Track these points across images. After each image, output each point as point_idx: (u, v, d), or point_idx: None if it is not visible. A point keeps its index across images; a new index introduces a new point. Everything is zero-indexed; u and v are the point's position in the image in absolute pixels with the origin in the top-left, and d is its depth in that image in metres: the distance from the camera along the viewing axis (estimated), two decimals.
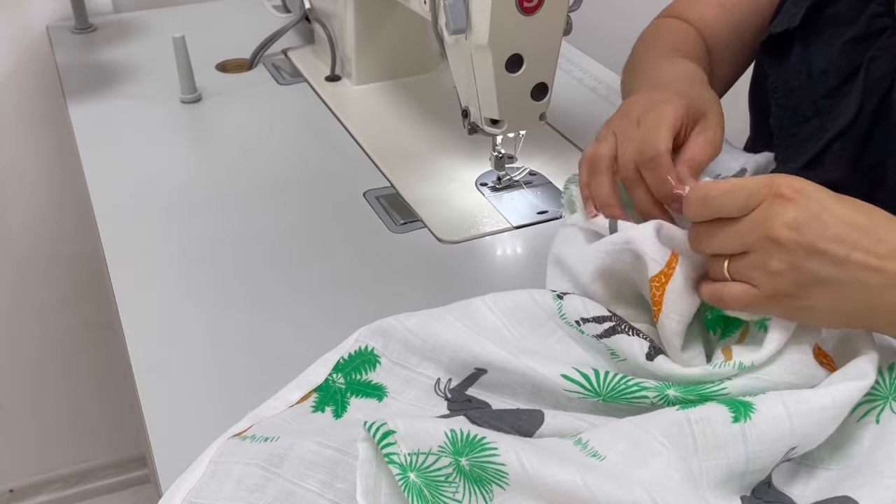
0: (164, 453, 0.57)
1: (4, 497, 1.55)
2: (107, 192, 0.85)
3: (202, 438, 0.58)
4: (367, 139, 0.94)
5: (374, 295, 0.71)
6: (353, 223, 0.80)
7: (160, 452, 0.57)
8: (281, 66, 1.11)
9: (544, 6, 0.71)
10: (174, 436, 0.58)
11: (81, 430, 1.55)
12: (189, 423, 0.59)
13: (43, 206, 1.36)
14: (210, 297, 0.71)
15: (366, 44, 1.03)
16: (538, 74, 0.75)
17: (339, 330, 0.67)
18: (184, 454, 0.56)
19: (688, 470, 0.48)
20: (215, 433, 0.58)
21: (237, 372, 0.63)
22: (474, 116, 0.78)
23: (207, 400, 0.61)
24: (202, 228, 0.79)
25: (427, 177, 0.87)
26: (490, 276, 0.74)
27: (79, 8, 1.20)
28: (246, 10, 1.27)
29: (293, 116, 1.00)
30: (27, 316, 1.42)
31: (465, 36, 0.72)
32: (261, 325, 0.68)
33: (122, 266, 0.75)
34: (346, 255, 0.76)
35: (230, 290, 0.72)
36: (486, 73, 0.74)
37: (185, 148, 0.94)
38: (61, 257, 1.39)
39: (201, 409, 0.60)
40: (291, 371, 0.63)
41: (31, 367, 1.47)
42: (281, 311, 0.69)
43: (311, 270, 0.74)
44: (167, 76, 1.03)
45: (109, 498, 1.62)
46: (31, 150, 1.31)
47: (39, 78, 1.26)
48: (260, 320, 0.68)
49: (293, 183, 0.86)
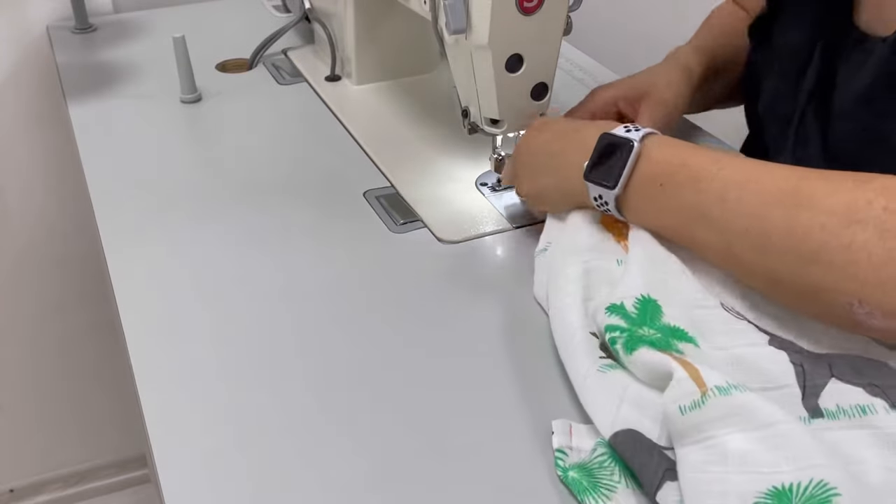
0: (164, 453, 0.57)
1: (4, 497, 1.55)
2: (107, 192, 0.85)
3: (202, 438, 0.58)
4: (367, 139, 0.94)
5: (374, 295, 0.71)
6: (353, 223, 0.80)
7: (160, 452, 0.57)
8: (281, 66, 1.11)
9: (544, 6, 0.71)
10: (174, 436, 0.58)
11: (81, 430, 1.55)
12: (189, 423, 0.59)
13: (43, 207, 1.36)
14: (210, 296, 0.71)
15: (366, 44, 1.03)
16: (538, 74, 0.75)
17: (338, 330, 0.67)
18: (184, 454, 0.57)
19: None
20: (215, 433, 0.58)
21: (237, 372, 0.63)
22: (474, 116, 0.78)
23: (207, 400, 0.61)
24: (202, 228, 0.79)
25: (427, 177, 0.87)
26: (490, 276, 0.74)
27: (79, 8, 1.20)
28: (246, 10, 1.27)
29: (293, 116, 1.00)
30: (27, 315, 1.42)
31: (465, 36, 0.72)
32: (260, 324, 0.68)
33: (122, 266, 0.75)
34: (345, 254, 0.76)
35: (230, 289, 0.72)
36: (486, 73, 0.74)
37: (185, 148, 0.94)
38: (61, 257, 1.39)
39: (201, 409, 0.60)
40: (291, 371, 0.63)
41: (31, 368, 1.47)
42: (280, 310, 0.69)
43: (310, 270, 0.74)
44: (167, 76, 1.03)
45: (109, 498, 1.62)
46: (31, 150, 1.31)
47: (39, 78, 1.27)
48: (259, 320, 0.68)
49: (293, 183, 0.87)
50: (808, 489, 0.45)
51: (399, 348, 0.65)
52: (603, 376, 0.57)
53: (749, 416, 0.49)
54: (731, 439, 0.48)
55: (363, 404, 0.60)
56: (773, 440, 0.48)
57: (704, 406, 0.49)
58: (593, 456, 0.54)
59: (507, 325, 0.67)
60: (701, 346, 0.57)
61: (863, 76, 0.71)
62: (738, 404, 0.49)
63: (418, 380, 0.62)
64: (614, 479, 0.52)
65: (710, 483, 0.48)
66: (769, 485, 0.46)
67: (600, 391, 0.56)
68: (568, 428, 0.57)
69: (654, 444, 0.53)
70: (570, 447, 0.56)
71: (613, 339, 0.57)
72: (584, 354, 0.59)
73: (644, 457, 0.52)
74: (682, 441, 0.51)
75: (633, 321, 0.58)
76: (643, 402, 0.55)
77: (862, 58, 0.71)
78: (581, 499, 0.52)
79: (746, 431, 0.48)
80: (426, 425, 0.59)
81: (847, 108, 0.72)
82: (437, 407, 0.60)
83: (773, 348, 0.57)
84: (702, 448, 0.49)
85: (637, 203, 0.64)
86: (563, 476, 0.54)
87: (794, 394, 0.55)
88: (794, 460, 0.47)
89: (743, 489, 0.47)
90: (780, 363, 0.56)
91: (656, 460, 0.51)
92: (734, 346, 0.57)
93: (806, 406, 0.54)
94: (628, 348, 0.56)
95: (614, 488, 0.52)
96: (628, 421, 0.54)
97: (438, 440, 0.58)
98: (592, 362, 0.58)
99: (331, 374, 0.63)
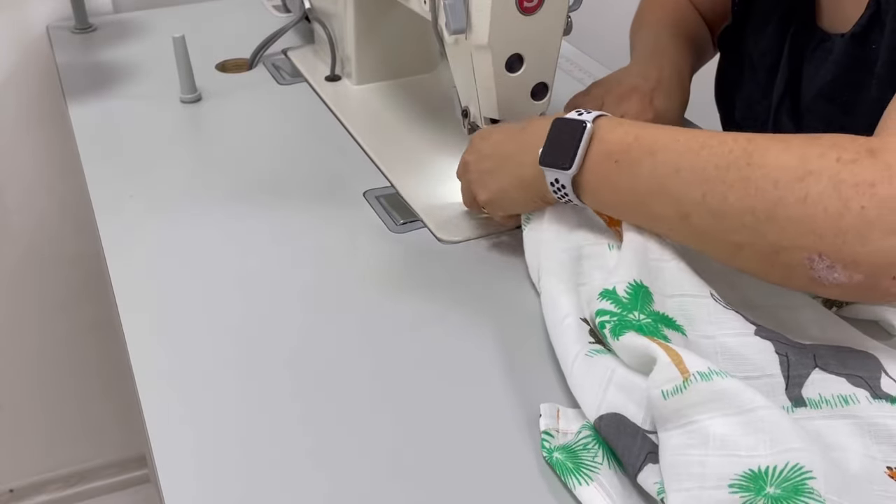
0: (164, 453, 0.57)
1: (4, 497, 1.55)
2: (107, 192, 0.85)
3: (202, 438, 0.58)
4: (367, 139, 0.94)
5: (374, 295, 0.71)
6: (353, 223, 0.80)
7: (160, 452, 0.57)
8: (281, 66, 1.11)
9: (544, 6, 0.71)
10: (174, 436, 0.58)
11: (81, 429, 1.55)
12: (189, 423, 0.59)
13: (43, 206, 1.36)
14: (210, 296, 0.71)
15: (366, 44, 1.03)
16: (538, 74, 0.75)
17: (338, 330, 0.67)
18: (184, 454, 0.57)
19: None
20: (215, 433, 0.58)
21: (237, 372, 0.63)
22: (474, 116, 0.78)
23: (207, 400, 0.61)
24: (202, 228, 0.79)
25: (427, 177, 0.87)
26: (490, 276, 0.74)
27: (79, 8, 1.20)
28: (246, 10, 1.27)
29: (293, 116, 1.00)
30: (27, 316, 1.42)
31: (465, 36, 0.72)
32: (260, 324, 0.68)
33: (122, 266, 0.75)
34: (345, 254, 0.76)
35: (229, 289, 0.72)
36: (486, 73, 0.74)
37: (185, 148, 0.94)
38: (61, 257, 1.39)
39: (201, 409, 0.60)
40: (292, 371, 0.63)
41: (31, 367, 1.47)
42: (280, 310, 0.69)
43: (310, 270, 0.74)
44: (167, 76, 1.03)
45: (109, 498, 1.62)
46: (31, 150, 1.31)
47: (39, 78, 1.26)
48: (259, 320, 0.68)
49: (293, 183, 0.87)
50: (783, 472, 0.46)
51: (399, 348, 0.65)
52: (591, 360, 0.58)
53: (730, 401, 0.50)
54: (711, 423, 0.49)
55: (363, 404, 0.60)
56: (753, 424, 0.49)
57: (686, 391, 0.50)
58: (578, 438, 0.55)
59: (507, 325, 0.67)
60: (688, 334, 0.58)
61: (825, 73, 0.73)
62: (718, 389, 0.50)
63: (418, 379, 0.62)
64: (597, 461, 0.53)
65: (690, 465, 0.49)
66: (746, 467, 0.47)
67: (587, 375, 0.57)
68: (556, 411, 0.58)
69: (639, 427, 0.53)
70: (556, 430, 0.57)
71: (603, 324, 0.58)
72: (573, 339, 0.60)
73: (628, 440, 0.53)
74: (665, 426, 0.51)
75: (625, 306, 0.59)
76: (629, 387, 0.55)
77: (824, 55, 0.73)
78: (564, 479, 0.53)
79: (727, 416, 0.49)
80: (425, 424, 0.59)
81: (812, 104, 0.74)
82: (435, 405, 0.60)
83: (759, 338, 0.58)
84: (683, 432, 0.50)
85: (593, 183, 0.63)
86: (549, 457, 0.55)
87: (778, 383, 0.56)
88: (772, 444, 0.47)
89: (720, 471, 0.48)
90: (766, 353, 0.57)
91: (639, 443, 0.52)
92: (721, 334, 0.58)
93: (789, 395, 0.55)
94: (616, 333, 0.57)
95: (597, 469, 0.53)
96: (614, 405, 0.55)
97: (437, 438, 0.58)
98: (581, 346, 0.59)
99: (331, 374, 0.63)
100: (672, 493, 0.48)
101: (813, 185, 0.52)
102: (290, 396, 0.61)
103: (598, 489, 0.52)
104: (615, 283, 0.60)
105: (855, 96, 0.70)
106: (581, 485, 0.52)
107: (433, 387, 0.62)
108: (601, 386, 0.56)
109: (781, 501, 0.45)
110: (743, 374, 0.56)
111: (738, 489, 0.47)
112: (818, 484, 0.45)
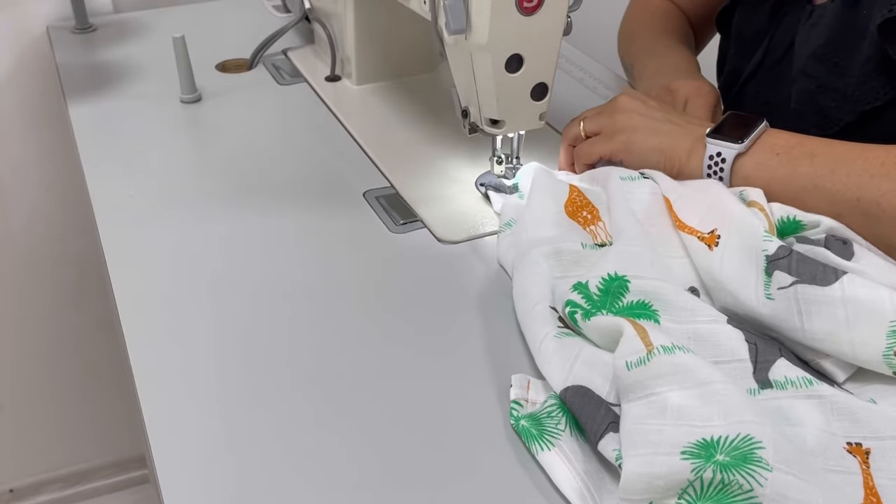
0: (164, 453, 0.57)
1: (4, 497, 1.56)
2: (107, 192, 0.85)
3: (202, 438, 0.58)
4: (367, 139, 0.94)
5: (374, 295, 0.71)
6: (353, 223, 0.80)
7: (160, 452, 0.57)
8: (281, 66, 1.11)
9: (544, 6, 0.71)
10: (174, 436, 0.58)
11: (82, 429, 1.55)
12: (189, 423, 0.59)
13: (43, 207, 1.36)
14: (210, 296, 0.71)
15: (366, 44, 1.03)
16: (538, 74, 0.75)
17: (338, 330, 0.67)
18: (184, 454, 0.57)
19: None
20: (215, 433, 0.58)
21: (237, 372, 0.63)
22: (474, 116, 0.78)
23: (207, 400, 0.61)
24: (202, 228, 0.79)
25: (427, 177, 0.87)
26: (490, 276, 0.74)
27: (79, 8, 1.20)
28: (246, 10, 1.27)
29: (293, 116, 1.00)
30: (27, 316, 1.43)
31: (464, 36, 0.72)
32: (260, 325, 0.68)
33: (122, 266, 0.75)
34: (345, 254, 0.76)
35: (229, 289, 0.72)
36: (485, 74, 0.74)
37: (185, 148, 0.94)
38: (61, 257, 1.39)
39: (201, 409, 0.60)
40: (291, 371, 0.63)
41: (31, 368, 1.47)
42: (280, 310, 0.69)
43: (310, 270, 0.74)
44: (167, 76, 1.03)
45: (109, 498, 1.62)
46: (31, 150, 1.31)
47: (39, 78, 1.27)
48: (259, 320, 0.68)
49: (293, 183, 0.87)
50: (734, 441, 0.48)
51: (398, 348, 0.65)
52: (559, 341, 0.60)
53: (689, 375, 0.52)
54: (670, 395, 0.52)
55: (363, 404, 0.60)
56: (709, 397, 0.51)
57: (649, 363, 0.53)
58: (543, 407, 0.58)
59: (507, 325, 0.67)
60: (661, 320, 0.60)
61: (817, 37, 0.78)
62: (679, 363, 0.52)
63: (417, 379, 0.62)
64: (559, 428, 0.56)
65: (648, 433, 0.50)
66: (699, 436, 0.49)
67: (555, 353, 0.59)
68: (526, 382, 0.60)
69: (603, 399, 0.56)
70: (525, 399, 0.59)
71: (573, 313, 0.61)
72: (542, 323, 0.62)
73: (591, 409, 0.55)
74: (628, 396, 0.53)
75: (594, 303, 0.61)
76: (596, 362, 0.58)
77: (816, 21, 0.79)
78: (528, 445, 0.56)
79: (685, 388, 0.52)
80: (425, 423, 0.59)
81: (805, 66, 0.79)
82: (436, 406, 0.60)
83: (731, 326, 0.60)
84: (644, 403, 0.52)
85: (751, 168, 0.70)
86: (515, 425, 0.57)
87: (746, 367, 0.58)
88: (726, 416, 0.50)
89: (675, 440, 0.49)
90: (735, 339, 0.59)
91: (602, 413, 0.55)
92: (694, 321, 0.61)
93: (756, 378, 0.57)
94: (586, 317, 0.60)
95: (558, 436, 0.55)
96: (579, 378, 0.57)
97: (436, 438, 0.58)
98: (551, 329, 0.61)
99: (330, 374, 0.63)
100: (628, 458, 0.50)
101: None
102: (289, 396, 0.61)
103: (558, 454, 0.54)
104: (589, 279, 0.63)
105: (847, 59, 0.75)
106: (543, 450, 0.55)
107: (433, 387, 0.62)
108: (569, 361, 0.59)
109: (730, 468, 0.47)
110: (714, 357, 0.59)
111: (690, 456, 0.48)
112: (767, 454, 0.47)
